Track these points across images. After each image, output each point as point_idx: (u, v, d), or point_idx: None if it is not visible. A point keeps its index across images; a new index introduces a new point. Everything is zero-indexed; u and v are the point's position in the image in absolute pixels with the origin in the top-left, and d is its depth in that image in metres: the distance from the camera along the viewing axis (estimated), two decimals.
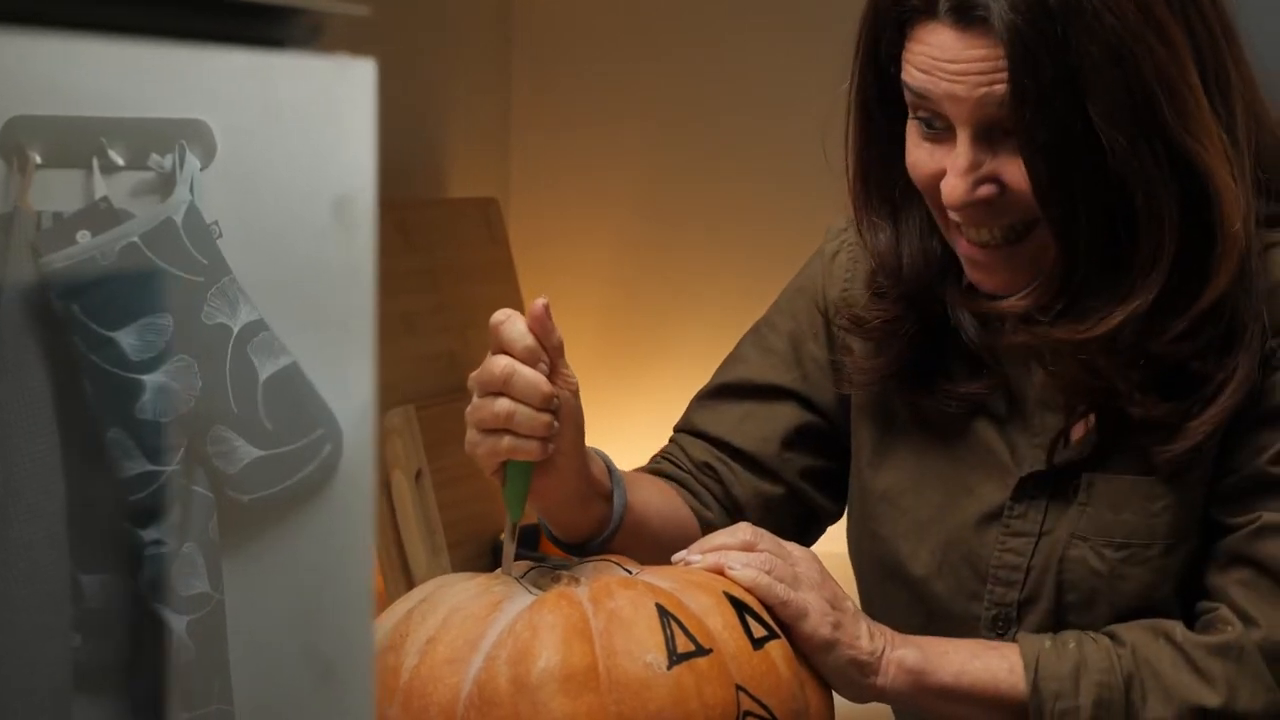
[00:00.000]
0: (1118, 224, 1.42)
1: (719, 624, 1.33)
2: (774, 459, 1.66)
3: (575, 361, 2.68)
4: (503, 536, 1.44)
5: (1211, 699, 1.45)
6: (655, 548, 1.51)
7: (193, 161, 1.01)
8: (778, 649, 1.35)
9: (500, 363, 1.37)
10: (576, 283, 2.93)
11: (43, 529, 0.97)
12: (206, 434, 1.03)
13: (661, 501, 1.60)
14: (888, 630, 1.47)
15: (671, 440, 1.71)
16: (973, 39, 1.40)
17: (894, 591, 1.60)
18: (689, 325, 1.98)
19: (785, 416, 1.66)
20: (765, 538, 1.45)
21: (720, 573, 1.40)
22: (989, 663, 1.47)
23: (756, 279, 1.86)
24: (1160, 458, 1.49)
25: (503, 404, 1.37)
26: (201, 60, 0.96)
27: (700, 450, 1.68)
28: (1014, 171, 1.43)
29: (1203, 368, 1.47)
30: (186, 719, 1.03)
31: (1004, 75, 1.39)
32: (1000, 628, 1.55)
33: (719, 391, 1.70)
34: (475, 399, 1.39)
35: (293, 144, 1.01)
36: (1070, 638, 1.48)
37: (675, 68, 2.87)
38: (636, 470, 1.67)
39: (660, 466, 1.68)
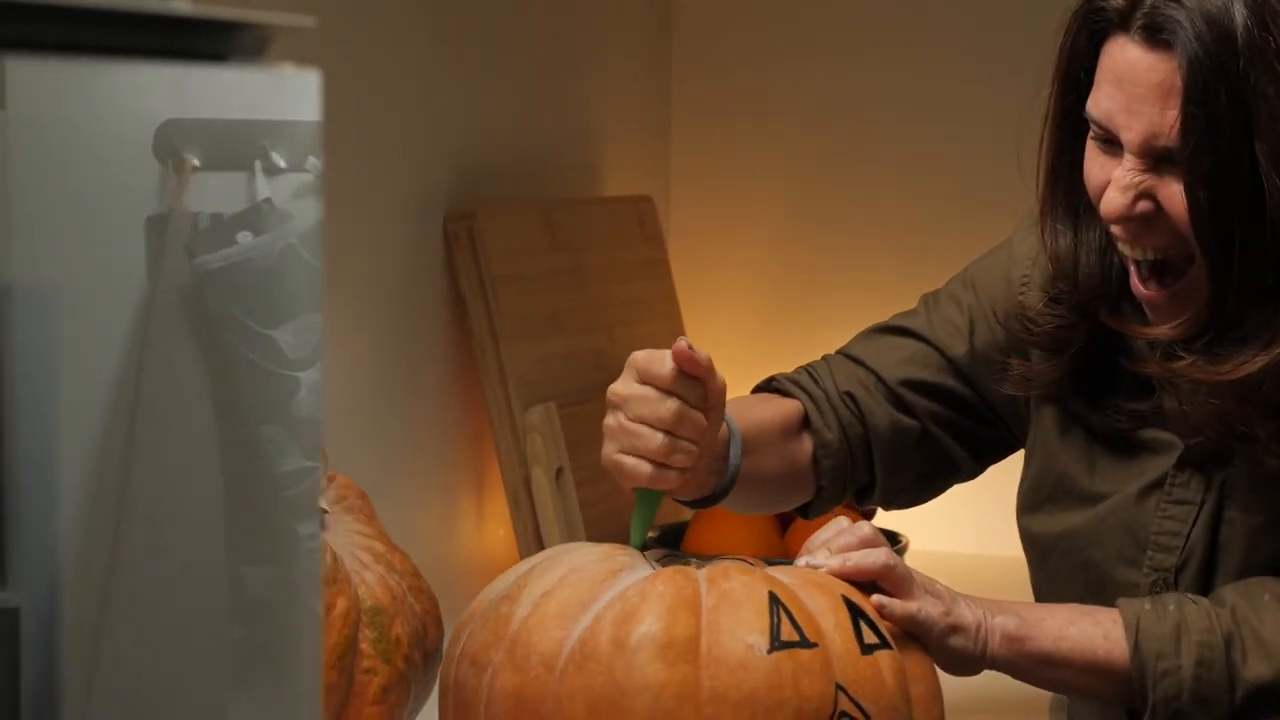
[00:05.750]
0: (1269, 265, 1.44)
1: (830, 623, 1.33)
2: (918, 402, 1.70)
3: (730, 359, 2.68)
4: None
5: None
6: (765, 493, 1.63)
7: None
8: (887, 659, 1.34)
9: (672, 405, 1.43)
10: (733, 280, 2.92)
11: (197, 523, 0.99)
12: None
13: (775, 447, 1.65)
14: (982, 600, 1.50)
15: (824, 359, 1.75)
16: (1157, 60, 1.43)
17: (1057, 561, 1.64)
18: (843, 325, 1.97)
19: (943, 375, 1.71)
20: (863, 524, 1.48)
21: (844, 577, 1.41)
22: (1085, 628, 1.50)
23: (912, 281, 1.87)
24: None
25: (661, 438, 1.43)
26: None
27: (847, 376, 1.71)
28: (1173, 195, 1.45)
29: None
30: None
31: (1178, 101, 1.41)
32: (1159, 592, 1.57)
33: (891, 329, 1.74)
34: (628, 423, 1.44)
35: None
36: (1170, 600, 1.51)
37: (835, 67, 2.85)
38: (772, 388, 1.73)
39: (798, 378, 1.72)
